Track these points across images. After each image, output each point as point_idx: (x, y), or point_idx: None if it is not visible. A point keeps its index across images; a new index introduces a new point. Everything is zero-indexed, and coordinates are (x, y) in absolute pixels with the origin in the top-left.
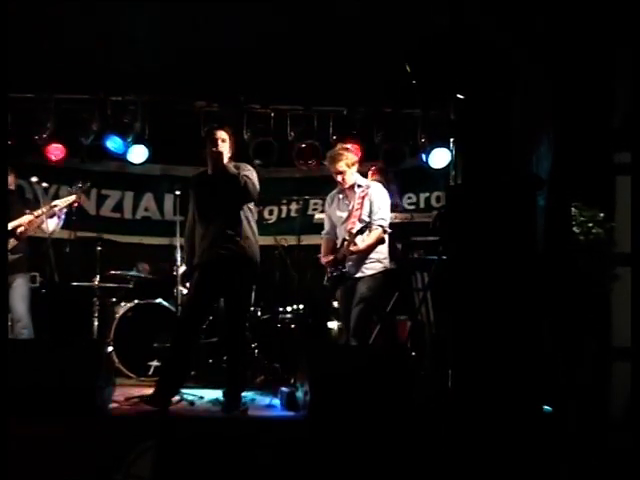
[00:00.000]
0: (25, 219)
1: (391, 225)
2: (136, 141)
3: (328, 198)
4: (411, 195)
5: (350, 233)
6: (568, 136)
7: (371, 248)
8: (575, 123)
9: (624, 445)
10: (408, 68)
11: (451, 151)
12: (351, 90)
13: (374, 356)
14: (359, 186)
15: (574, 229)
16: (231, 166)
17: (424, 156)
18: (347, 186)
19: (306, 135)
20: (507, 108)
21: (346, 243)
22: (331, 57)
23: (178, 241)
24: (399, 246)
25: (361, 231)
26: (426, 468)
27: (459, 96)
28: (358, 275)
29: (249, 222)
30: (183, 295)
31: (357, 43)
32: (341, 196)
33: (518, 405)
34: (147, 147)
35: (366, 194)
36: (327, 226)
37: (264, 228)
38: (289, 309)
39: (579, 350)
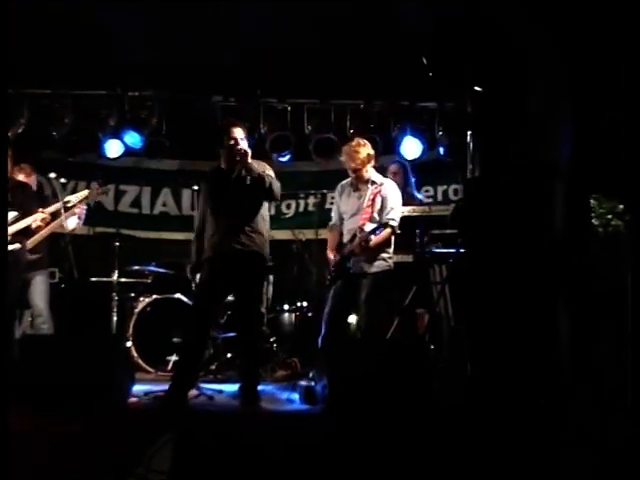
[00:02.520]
0: (37, 217)
1: (409, 218)
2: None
3: (339, 187)
4: (428, 188)
5: (361, 229)
6: (587, 127)
7: (380, 247)
8: (594, 114)
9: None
10: (424, 61)
11: (468, 144)
12: (368, 83)
13: (392, 350)
14: (373, 182)
15: (593, 221)
16: (256, 166)
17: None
18: (364, 180)
19: (323, 129)
20: (524, 100)
21: (357, 240)
22: (347, 50)
23: None
24: (417, 239)
25: (374, 231)
26: (444, 461)
27: (476, 88)
28: (362, 271)
29: (263, 219)
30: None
31: (373, 36)
32: (352, 188)
33: (536, 397)
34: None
35: (379, 191)
36: (335, 217)
37: (282, 222)
38: (307, 303)
39: (596, 342)
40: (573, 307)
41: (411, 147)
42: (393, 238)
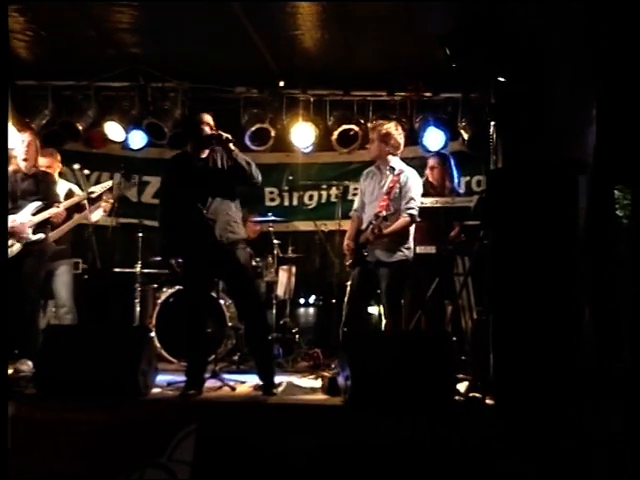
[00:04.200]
0: (53, 211)
1: (432, 209)
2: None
3: (364, 173)
4: None
5: (377, 217)
6: (611, 118)
7: (395, 234)
8: (618, 106)
9: None
10: (447, 51)
11: (491, 135)
12: (390, 74)
13: (415, 341)
14: (392, 169)
15: (617, 212)
16: (238, 152)
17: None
18: (378, 158)
19: (345, 120)
20: (549, 90)
21: (371, 227)
22: (370, 41)
23: None
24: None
25: (386, 218)
26: (467, 455)
27: (499, 79)
28: (380, 260)
29: (237, 205)
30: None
31: (396, 26)
32: (376, 174)
33: (560, 391)
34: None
35: (398, 179)
36: (358, 202)
37: (304, 213)
38: (329, 294)
39: (620, 334)
40: (598, 297)
41: (434, 138)
42: (413, 229)
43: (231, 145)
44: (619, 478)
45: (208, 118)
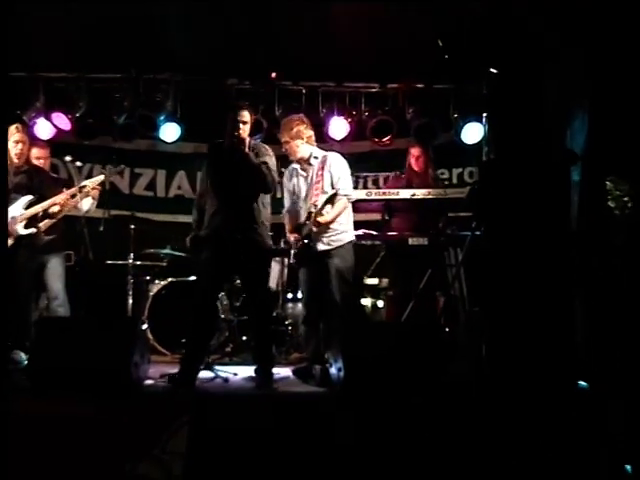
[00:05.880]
0: (59, 198)
1: (424, 201)
2: (168, 119)
3: (286, 172)
4: (444, 171)
5: (315, 206)
6: (603, 110)
7: (337, 218)
8: (610, 96)
9: None
10: (440, 43)
11: (484, 126)
12: (383, 66)
13: (408, 332)
14: (315, 157)
15: (609, 203)
16: (252, 156)
17: (457, 131)
18: (297, 158)
19: (338, 112)
20: (541, 82)
21: (313, 216)
22: (363, 33)
23: None
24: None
25: (327, 202)
26: (459, 444)
27: (492, 70)
28: (326, 248)
29: (263, 205)
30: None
31: (389, 18)
32: (299, 169)
33: (552, 380)
34: (179, 125)
35: (323, 165)
36: (287, 202)
37: None
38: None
39: (615, 325)
40: (588, 292)
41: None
42: (350, 209)
43: (245, 149)
44: (619, 478)
45: (242, 114)
